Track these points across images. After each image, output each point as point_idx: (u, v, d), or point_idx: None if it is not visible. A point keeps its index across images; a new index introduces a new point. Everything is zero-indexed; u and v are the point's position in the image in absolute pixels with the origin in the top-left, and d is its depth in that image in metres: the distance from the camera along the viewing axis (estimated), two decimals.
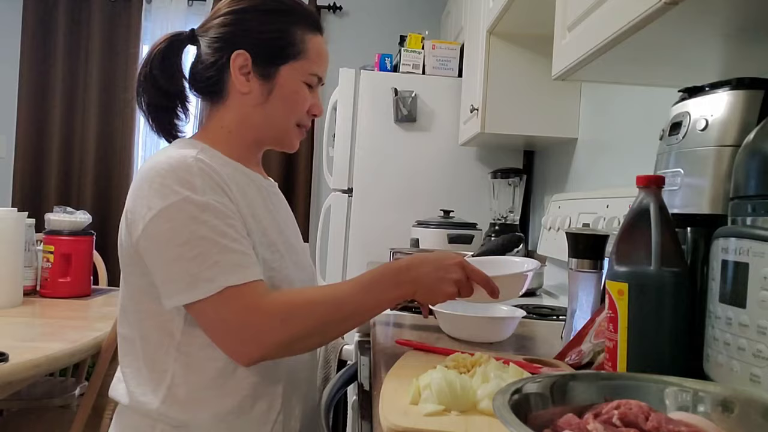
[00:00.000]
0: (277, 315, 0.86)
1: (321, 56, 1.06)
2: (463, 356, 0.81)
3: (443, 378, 0.68)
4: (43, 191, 3.43)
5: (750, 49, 0.86)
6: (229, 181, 0.93)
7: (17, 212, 1.91)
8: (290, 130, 1.06)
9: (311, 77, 1.04)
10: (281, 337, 0.86)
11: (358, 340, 1.33)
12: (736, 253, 0.61)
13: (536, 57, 2.07)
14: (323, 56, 1.06)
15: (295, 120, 1.06)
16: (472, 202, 2.57)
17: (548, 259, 2.06)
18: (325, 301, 0.89)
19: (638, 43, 0.86)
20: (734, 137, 0.72)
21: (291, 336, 0.87)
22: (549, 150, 2.39)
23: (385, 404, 0.68)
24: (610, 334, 0.72)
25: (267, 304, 0.86)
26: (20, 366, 1.36)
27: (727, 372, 0.61)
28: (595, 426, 0.47)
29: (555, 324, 1.28)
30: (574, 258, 0.99)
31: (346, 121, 2.60)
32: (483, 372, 0.73)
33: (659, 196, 0.72)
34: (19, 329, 1.69)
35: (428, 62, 2.60)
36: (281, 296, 0.88)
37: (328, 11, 3.55)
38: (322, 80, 1.07)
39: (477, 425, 0.63)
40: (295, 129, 1.06)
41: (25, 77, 3.42)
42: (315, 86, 1.07)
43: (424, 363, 0.85)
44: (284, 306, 0.87)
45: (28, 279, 2.04)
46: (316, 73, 1.05)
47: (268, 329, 0.86)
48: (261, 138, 1.06)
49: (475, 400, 0.67)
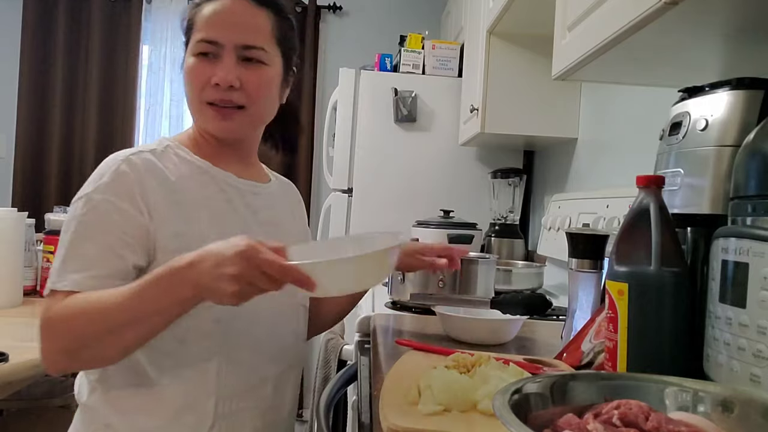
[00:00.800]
0: (44, 326, 0.83)
1: (209, 18, 0.96)
2: (463, 356, 0.81)
3: (443, 378, 0.68)
4: (43, 191, 3.43)
5: (750, 49, 0.86)
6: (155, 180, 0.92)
7: (17, 212, 1.91)
8: (200, 111, 0.98)
9: (198, 44, 0.96)
10: (49, 348, 0.83)
11: (358, 340, 1.33)
12: (736, 253, 0.61)
13: (536, 57, 2.07)
14: (212, 18, 0.96)
15: (197, 98, 0.97)
16: (472, 202, 2.57)
17: (548, 259, 2.06)
18: (86, 312, 0.82)
19: (638, 43, 0.86)
20: (734, 137, 0.72)
21: (59, 348, 0.83)
22: (549, 150, 2.39)
23: (385, 404, 0.68)
24: (610, 334, 0.72)
25: (51, 312, 0.83)
26: (20, 366, 1.36)
27: (727, 372, 0.61)
28: (595, 426, 0.47)
29: (555, 324, 1.28)
30: (574, 258, 0.99)
31: (346, 121, 2.60)
32: (483, 372, 0.73)
33: (659, 196, 0.72)
34: (19, 329, 1.69)
35: (428, 62, 2.60)
36: (63, 306, 0.83)
37: (328, 11, 3.55)
38: (218, 42, 0.95)
39: (477, 425, 0.63)
40: (204, 108, 0.97)
41: (25, 77, 3.42)
42: (219, 54, 0.96)
43: (424, 363, 0.85)
44: (54, 316, 0.83)
45: (28, 279, 2.03)
46: (203, 38, 0.96)
47: (42, 338, 0.84)
48: None
49: (475, 400, 0.67)
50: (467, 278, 1.35)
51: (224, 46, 0.95)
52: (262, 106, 1.01)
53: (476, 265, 1.37)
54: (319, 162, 3.45)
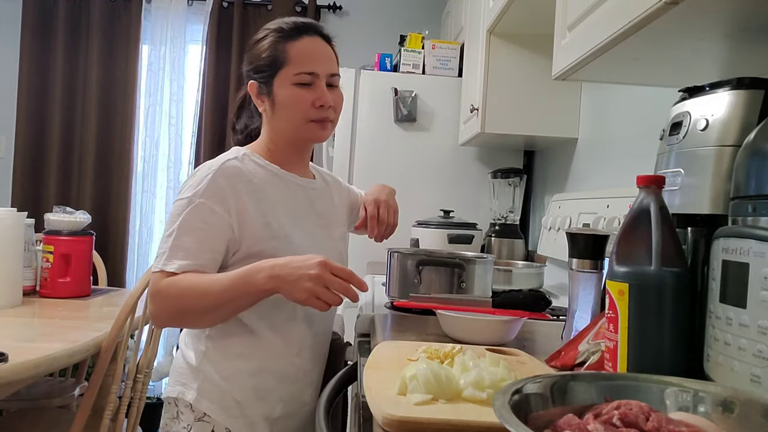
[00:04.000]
0: (156, 294, 1.10)
1: (304, 55, 1.20)
2: (436, 348, 0.86)
3: (428, 369, 0.70)
4: (42, 191, 3.43)
5: (750, 49, 0.86)
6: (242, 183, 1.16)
7: (17, 212, 1.91)
8: (303, 127, 1.22)
9: (299, 76, 1.19)
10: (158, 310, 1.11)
11: (359, 340, 1.33)
12: (737, 253, 0.61)
13: (536, 57, 2.07)
14: (306, 54, 1.20)
15: (302, 117, 1.20)
16: (472, 202, 2.57)
17: (548, 259, 2.06)
18: (191, 290, 1.08)
19: (638, 43, 0.86)
20: (734, 137, 0.72)
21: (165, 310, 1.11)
22: (549, 150, 2.39)
23: (375, 396, 0.69)
24: (611, 334, 0.72)
25: (161, 285, 1.09)
26: (20, 366, 1.36)
27: (728, 372, 0.61)
28: (595, 426, 0.47)
29: (555, 324, 1.28)
30: (574, 258, 0.99)
31: (346, 121, 2.59)
32: (462, 361, 0.76)
33: (660, 196, 0.72)
34: (18, 329, 1.69)
35: (428, 62, 2.60)
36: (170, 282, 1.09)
37: (328, 11, 3.55)
38: (316, 74, 1.19)
39: (465, 412, 0.65)
40: (308, 125, 1.21)
41: (24, 77, 3.41)
42: (314, 82, 1.20)
43: (396, 354, 0.89)
44: (164, 289, 1.09)
45: (27, 279, 2.03)
46: (302, 71, 1.19)
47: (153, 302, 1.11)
48: (289, 140, 1.25)
49: (459, 389, 0.70)
50: (466, 278, 1.35)
51: (319, 75, 1.20)
52: (338, 119, 1.28)
53: (474, 265, 1.37)
54: (319, 162, 3.44)
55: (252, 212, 1.16)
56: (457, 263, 1.37)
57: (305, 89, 1.19)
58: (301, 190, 1.27)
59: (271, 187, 1.21)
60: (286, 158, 1.27)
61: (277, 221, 1.18)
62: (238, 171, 1.17)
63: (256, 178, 1.19)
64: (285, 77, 1.20)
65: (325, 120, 1.22)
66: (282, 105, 1.21)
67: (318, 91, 1.20)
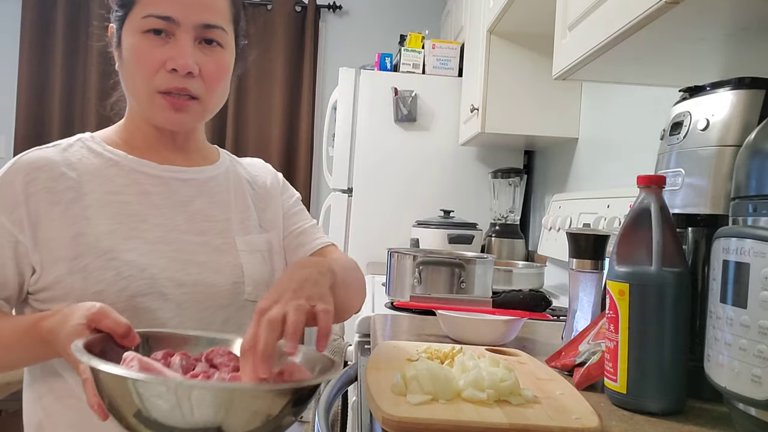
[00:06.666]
0: None
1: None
2: (435, 348, 0.86)
3: (428, 369, 0.70)
4: None
5: (751, 49, 0.86)
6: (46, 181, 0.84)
7: None
8: (147, 100, 0.87)
9: (147, 20, 0.83)
10: None
11: (358, 340, 1.33)
12: (737, 254, 0.61)
13: (537, 56, 2.06)
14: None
15: (145, 84, 0.85)
16: (472, 202, 2.57)
17: (549, 259, 2.06)
18: None
19: (639, 43, 0.86)
20: (735, 137, 0.72)
21: None
22: (549, 150, 2.39)
23: (375, 396, 0.69)
24: (611, 334, 0.72)
25: None
26: None
27: (728, 372, 0.61)
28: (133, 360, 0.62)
29: (555, 324, 1.28)
30: (574, 258, 0.99)
31: (346, 120, 2.59)
32: (461, 362, 0.76)
33: (660, 196, 0.72)
34: None
35: (428, 62, 2.60)
36: None
37: (328, 10, 3.55)
38: (172, 18, 0.83)
39: (465, 412, 0.65)
40: (154, 98, 0.86)
41: (24, 77, 3.42)
42: (170, 32, 0.84)
43: (396, 354, 0.88)
44: None
45: None
46: (152, 13, 0.83)
47: None
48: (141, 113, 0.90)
49: (458, 389, 0.70)
50: (466, 278, 1.35)
51: (180, 24, 0.83)
52: (218, 97, 0.90)
53: (474, 265, 1.37)
54: (319, 162, 3.45)
55: (56, 222, 0.83)
56: (457, 263, 1.37)
57: (155, 41, 0.83)
58: (159, 183, 0.90)
59: (99, 182, 0.87)
60: (146, 141, 0.92)
61: (95, 230, 0.83)
62: (44, 163, 0.85)
63: (77, 170, 0.86)
64: (133, 20, 0.85)
65: (180, 93, 0.85)
66: (128, 59, 0.86)
67: (176, 47, 0.83)
